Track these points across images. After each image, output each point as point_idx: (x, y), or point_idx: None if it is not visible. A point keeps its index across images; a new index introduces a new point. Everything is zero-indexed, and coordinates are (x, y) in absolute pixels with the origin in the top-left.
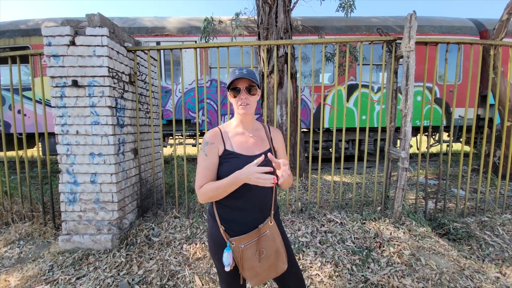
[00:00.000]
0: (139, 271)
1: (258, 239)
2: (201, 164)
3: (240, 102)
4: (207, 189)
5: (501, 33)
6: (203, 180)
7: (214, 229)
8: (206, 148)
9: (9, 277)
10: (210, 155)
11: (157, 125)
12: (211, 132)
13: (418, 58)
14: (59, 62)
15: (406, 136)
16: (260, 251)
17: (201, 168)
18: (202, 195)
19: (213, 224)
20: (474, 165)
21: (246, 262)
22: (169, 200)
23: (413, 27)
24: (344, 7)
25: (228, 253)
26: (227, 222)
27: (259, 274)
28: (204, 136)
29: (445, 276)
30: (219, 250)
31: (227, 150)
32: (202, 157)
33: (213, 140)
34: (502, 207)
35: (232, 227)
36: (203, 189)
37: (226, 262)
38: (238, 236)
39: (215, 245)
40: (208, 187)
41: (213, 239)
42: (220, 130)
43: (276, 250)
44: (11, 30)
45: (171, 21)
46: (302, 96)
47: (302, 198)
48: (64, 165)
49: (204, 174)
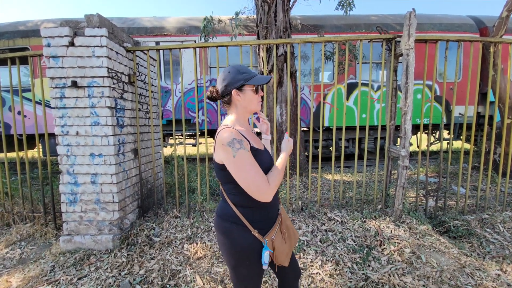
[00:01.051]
0: (140, 271)
1: (281, 223)
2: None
3: (259, 99)
4: (275, 177)
5: (500, 30)
6: (262, 178)
7: (243, 238)
8: (244, 144)
9: (10, 278)
10: (249, 150)
11: (157, 125)
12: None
13: (418, 56)
14: (58, 63)
15: (406, 134)
16: (283, 233)
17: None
18: (274, 187)
19: (240, 233)
20: (475, 162)
21: (278, 250)
22: (169, 200)
23: (412, 25)
24: (343, 5)
25: (268, 251)
26: (258, 223)
27: (288, 253)
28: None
29: (446, 273)
30: (251, 255)
31: (253, 147)
32: (245, 155)
33: (240, 136)
34: (502, 204)
35: (262, 225)
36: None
37: (266, 260)
38: (268, 231)
39: (248, 252)
40: (275, 177)
41: (242, 248)
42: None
43: (290, 225)
44: (11, 32)
45: (170, 21)
46: (302, 95)
47: (303, 197)
48: (64, 166)
49: (258, 170)
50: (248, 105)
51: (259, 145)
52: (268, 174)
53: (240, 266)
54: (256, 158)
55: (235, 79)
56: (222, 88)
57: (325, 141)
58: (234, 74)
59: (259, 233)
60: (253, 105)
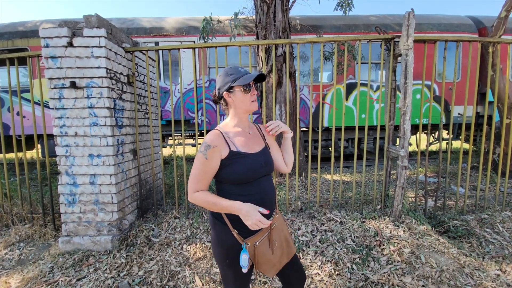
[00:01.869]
0: (139, 272)
1: (270, 233)
2: (199, 167)
3: (251, 98)
4: (202, 199)
5: (499, 31)
6: (198, 185)
7: (224, 234)
8: (208, 151)
9: (9, 279)
10: (211, 159)
11: (156, 126)
12: (212, 134)
13: (417, 56)
14: (57, 64)
15: (405, 134)
16: (272, 243)
17: (198, 171)
18: (194, 201)
19: (222, 229)
20: (474, 162)
21: (262, 258)
22: (169, 201)
23: (411, 25)
24: (342, 5)
25: (246, 255)
26: (239, 225)
27: (275, 264)
28: (205, 139)
29: (445, 273)
30: (231, 255)
31: (233, 151)
32: (201, 160)
33: (216, 143)
34: (502, 204)
35: (244, 228)
36: (198, 197)
37: (244, 263)
38: (251, 235)
39: (226, 250)
40: (205, 198)
41: (223, 244)
42: (221, 132)
43: (285, 238)
44: (9, 32)
45: (169, 21)
46: (301, 95)
47: (302, 197)
48: (63, 167)
49: (201, 178)
50: (240, 105)
51: (249, 147)
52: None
53: (222, 264)
54: (235, 161)
55: (224, 81)
56: (217, 92)
57: (324, 141)
58: (223, 76)
59: (239, 234)
60: (245, 105)
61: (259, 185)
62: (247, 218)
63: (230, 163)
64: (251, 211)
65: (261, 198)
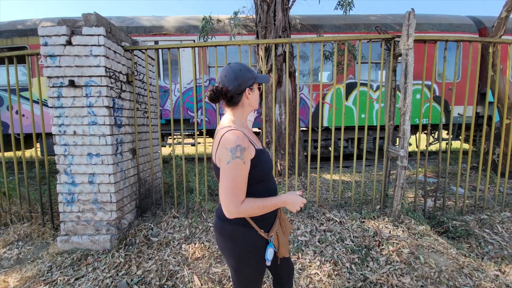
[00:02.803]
0: (138, 271)
1: (280, 216)
2: (239, 174)
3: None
4: (252, 207)
5: (500, 31)
6: (242, 195)
7: (251, 237)
8: (244, 154)
9: (8, 278)
10: (247, 162)
11: (156, 125)
12: (239, 135)
13: (417, 56)
14: (55, 62)
15: (405, 134)
16: (282, 226)
17: (240, 179)
18: (244, 213)
19: (247, 233)
20: (473, 163)
21: (281, 242)
22: (168, 200)
23: (411, 25)
24: (342, 5)
25: (272, 248)
26: (262, 222)
27: (287, 244)
28: (233, 142)
29: (444, 274)
30: (256, 254)
31: (258, 149)
32: (240, 166)
33: (246, 143)
34: (501, 204)
35: (267, 224)
36: (247, 207)
37: (270, 257)
38: (271, 228)
39: (254, 251)
40: (254, 205)
41: (248, 249)
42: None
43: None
44: (9, 30)
45: (169, 20)
46: (301, 95)
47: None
48: (62, 166)
49: (243, 186)
50: (254, 103)
51: (260, 143)
52: (251, 199)
53: (244, 267)
54: (260, 158)
55: (248, 77)
56: (236, 87)
57: (324, 141)
58: (246, 72)
59: (265, 231)
60: (257, 103)
61: (272, 177)
62: (294, 205)
63: (257, 162)
64: (295, 197)
65: (275, 189)
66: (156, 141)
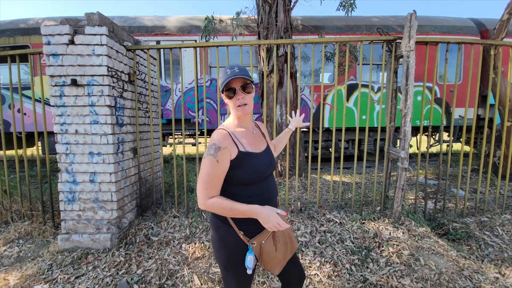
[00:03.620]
0: (138, 271)
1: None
2: (210, 171)
3: (238, 103)
4: (218, 206)
5: (501, 33)
6: (211, 191)
7: (230, 236)
8: (218, 154)
9: (8, 276)
10: (222, 161)
11: (157, 125)
12: (221, 135)
13: (418, 58)
14: (58, 61)
15: (405, 136)
16: (277, 240)
17: (210, 176)
18: (209, 208)
19: (227, 231)
20: (474, 165)
21: (268, 256)
22: (168, 200)
23: (413, 26)
24: (344, 6)
25: (252, 256)
26: (245, 226)
27: (280, 261)
28: (213, 140)
29: (444, 276)
30: (236, 257)
31: (242, 151)
32: (212, 163)
33: (225, 144)
34: (501, 207)
35: (250, 228)
36: (212, 202)
37: (250, 265)
38: (257, 235)
39: (231, 252)
40: (220, 205)
41: (229, 246)
42: (228, 132)
43: (288, 234)
44: (11, 29)
45: (171, 20)
46: (302, 96)
47: (302, 198)
48: (63, 164)
49: (214, 183)
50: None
51: (255, 147)
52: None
53: (227, 266)
54: (243, 161)
55: (221, 81)
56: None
57: (324, 142)
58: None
59: (245, 235)
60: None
61: (265, 185)
62: (266, 221)
63: (239, 164)
64: (271, 214)
65: (266, 198)
66: (157, 140)
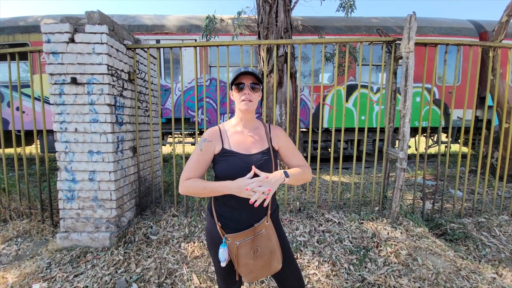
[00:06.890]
0: (137, 269)
1: (253, 238)
2: (193, 157)
3: (243, 97)
4: (192, 184)
5: (500, 35)
6: (191, 173)
7: (211, 225)
8: (202, 144)
9: (6, 274)
10: (205, 151)
11: (156, 124)
12: (210, 130)
13: (417, 59)
14: (58, 59)
15: (404, 136)
16: (255, 250)
17: (192, 161)
18: (184, 187)
19: (210, 220)
20: (472, 166)
21: (241, 259)
22: (167, 199)
23: (412, 28)
24: (344, 7)
25: (224, 249)
26: (223, 219)
27: (253, 271)
28: (204, 133)
29: (442, 276)
30: (215, 246)
31: (225, 148)
32: (196, 151)
33: (211, 138)
34: (499, 208)
35: (228, 224)
36: (188, 182)
37: (222, 257)
38: (233, 233)
39: (212, 240)
40: (194, 183)
41: (210, 234)
42: (219, 128)
43: (271, 250)
44: (11, 27)
45: (171, 19)
46: (302, 96)
47: (301, 198)
48: (62, 163)
49: (194, 167)
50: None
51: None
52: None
53: (211, 254)
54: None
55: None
56: None
57: (324, 142)
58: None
59: (222, 227)
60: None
61: None
62: (240, 191)
63: (220, 159)
64: (241, 182)
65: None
66: (157, 139)
